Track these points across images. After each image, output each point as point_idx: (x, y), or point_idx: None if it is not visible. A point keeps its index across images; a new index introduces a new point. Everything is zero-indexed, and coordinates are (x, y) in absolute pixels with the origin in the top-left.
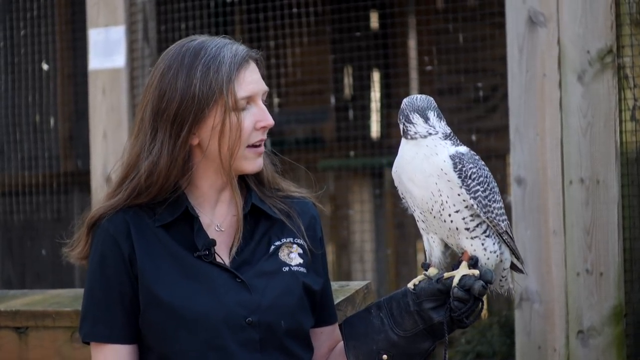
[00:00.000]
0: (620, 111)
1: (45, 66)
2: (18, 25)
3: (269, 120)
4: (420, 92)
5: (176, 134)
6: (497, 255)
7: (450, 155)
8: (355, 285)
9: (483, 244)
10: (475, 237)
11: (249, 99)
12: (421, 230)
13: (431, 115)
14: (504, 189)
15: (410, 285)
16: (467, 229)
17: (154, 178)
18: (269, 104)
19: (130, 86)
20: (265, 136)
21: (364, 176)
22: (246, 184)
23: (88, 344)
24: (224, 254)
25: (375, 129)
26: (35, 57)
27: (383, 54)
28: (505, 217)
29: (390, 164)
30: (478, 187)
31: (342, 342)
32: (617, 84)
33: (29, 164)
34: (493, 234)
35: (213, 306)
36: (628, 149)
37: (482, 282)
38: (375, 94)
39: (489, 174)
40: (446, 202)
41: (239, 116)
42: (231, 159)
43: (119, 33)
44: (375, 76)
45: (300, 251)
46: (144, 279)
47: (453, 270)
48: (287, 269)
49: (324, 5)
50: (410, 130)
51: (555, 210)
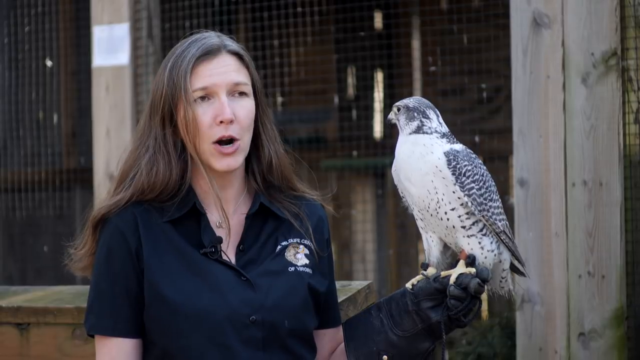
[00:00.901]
0: (624, 114)
1: (48, 63)
2: (22, 22)
3: (225, 115)
4: (424, 93)
5: (162, 128)
6: (495, 255)
7: (444, 152)
8: (357, 285)
9: (480, 243)
10: (472, 236)
11: (208, 92)
12: (420, 230)
13: (437, 113)
14: (506, 191)
15: (408, 285)
16: (464, 227)
17: (153, 173)
18: (272, 103)
19: (133, 83)
20: (229, 132)
21: (367, 176)
22: (252, 184)
23: (92, 337)
24: (230, 252)
25: (378, 129)
26: (39, 54)
27: (387, 54)
28: (503, 217)
29: None
30: (473, 185)
31: (343, 344)
32: (621, 87)
33: (31, 160)
34: (490, 233)
35: (217, 303)
36: (631, 151)
37: (479, 280)
38: (379, 94)
39: (486, 172)
40: (442, 200)
41: (196, 110)
42: (196, 153)
43: (123, 30)
44: (379, 76)
45: (307, 252)
46: (150, 274)
47: (451, 269)
48: (293, 269)
49: (328, 5)
50: (425, 125)
51: (558, 212)
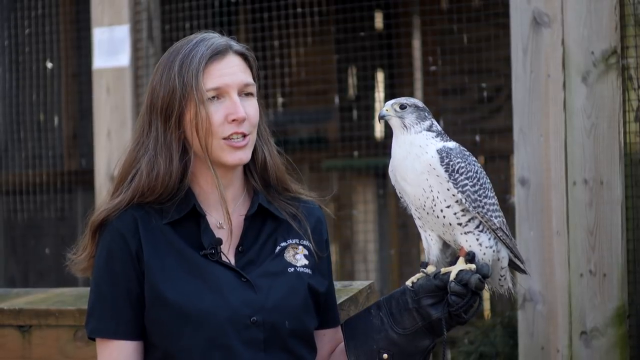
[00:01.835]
0: (624, 112)
1: (49, 65)
2: (22, 24)
3: (239, 113)
4: (425, 93)
5: (165, 129)
6: (494, 251)
7: (437, 150)
8: (359, 285)
9: (478, 239)
10: (469, 232)
11: (220, 91)
12: (419, 228)
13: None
14: (507, 190)
15: (408, 283)
16: (460, 224)
17: (154, 174)
18: (272, 104)
19: (134, 85)
20: (242, 129)
21: (368, 176)
22: (254, 185)
23: (94, 339)
24: (229, 254)
25: (379, 129)
26: (40, 56)
27: (387, 54)
28: (499, 214)
29: None
30: (466, 182)
31: (343, 343)
32: (622, 85)
33: (32, 162)
34: (487, 230)
35: (218, 305)
36: (632, 150)
37: (479, 276)
38: (380, 94)
39: (480, 169)
40: (437, 198)
41: (209, 109)
42: (207, 152)
43: (123, 32)
44: (380, 76)
45: (306, 253)
46: (150, 276)
47: (451, 266)
48: (293, 269)
49: (328, 5)
50: (434, 125)
51: (559, 211)
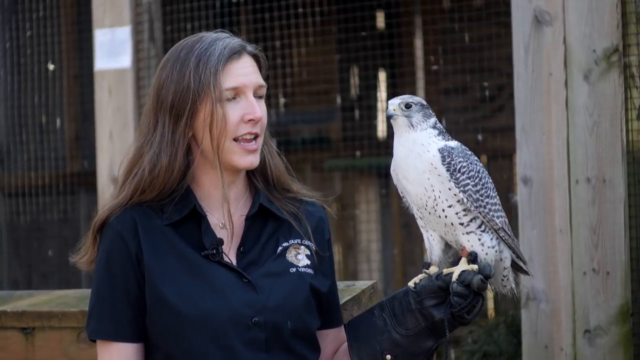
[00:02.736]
0: (626, 110)
1: (51, 67)
2: (24, 26)
3: (257, 113)
4: (427, 92)
5: (174, 125)
6: (496, 251)
7: (439, 149)
8: (362, 285)
9: (480, 239)
10: (471, 232)
11: (238, 91)
12: (421, 229)
13: None
14: (510, 189)
15: (411, 283)
16: (462, 224)
17: (156, 172)
18: (274, 104)
19: (136, 86)
20: (256, 130)
21: (370, 176)
22: (255, 184)
23: (94, 341)
24: (231, 254)
25: (381, 129)
26: (41, 58)
27: (389, 53)
28: (501, 214)
29: None
30: (468, 181)
31: (346, 344)
32: (624, 83)
33: (35, 164)
34: (489, 230)
35: (219, 306)
36: (634, 147)
37: (481, 277)
38: (381, 94)
39: (482, 169)
40: (439, 197)
41: (225, 108)
42: (218, 151)
43: (124, 33)
44: (381, 76)
45: (308, 252)
46: (151, 278)
47: (453, 266)
48: (294, 270)
49: (329, 5)
50: (438, 122)
51: (562, 209)
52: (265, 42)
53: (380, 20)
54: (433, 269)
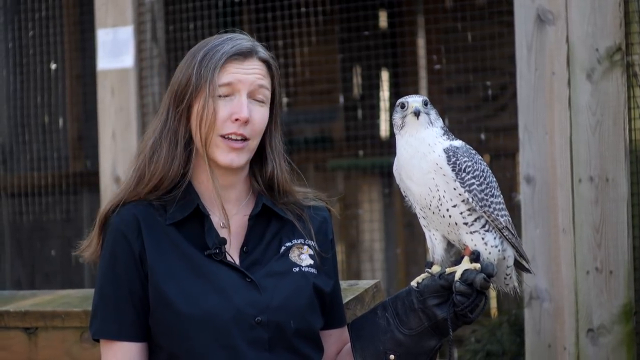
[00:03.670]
0: (629, 109)
1: (53, 66)
2: (26, 26)
3: (242, 113)
4: (429, 92)
5: (177, 115)
6: (499, 250)
7: (444, 149)
8: (364, 284)
9: (483, 239)
10: (475, 232)
11: (232, 89)
12: (423, 228)
13: None
14: (513, 188)
15: (413, 283)
16: (466, 224)
17: (154, 160)
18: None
19: (138, 86)
20: (242, 131)
21: (373, 176)
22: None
23: (98, 341)
24: (234, 254)
25: (384, 129)
26: (44, 58)
27: (392, 53)
28: (505, 213)
29: None
30: (473, 181)
31: (350, 344)
32: (626, 82)
33: (38, 164)
34: (493, 229)
35: (222, 305)
36: (637, 146)
37: (484, 275)
38: (384, 94)
39: (487, 168)
40: (443, 197)
41: (217, 104)
42: (205, 146)
43: (127, 33)
44: (384, 75)
45: (311, 252)
46: (154, 278)
47: (455, 266)
48: (298, 269)
49: (332, 4)
50: (444, 125)
51: (565, 208)
52: (267, 42)
53: (383, 20)
54: (435, 269)
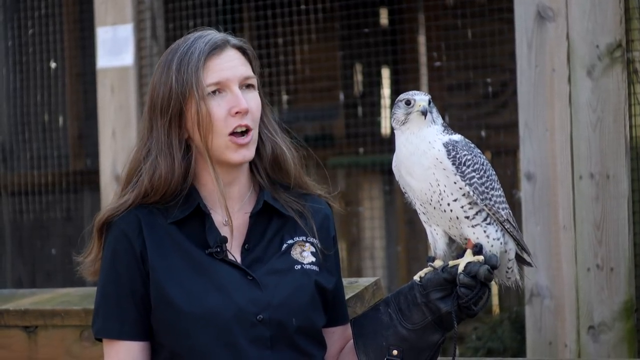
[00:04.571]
0: (629, 105)
1: (53, 65)
2: (26, 24)
3: (242, 105)
4: (430, 89)
5: (167, 129)
6: (501, 243)
7: (443, 144)
8: (364, 281)
9: (485, 232)
10: (477, 225)
11: (221, 86)
12: (424, 223)
13: None
14: (514, 185)
15: (416, 277)
16: (467, 217)
17: (156, 177)
18: (277, 101)
19: (138, 84)
20: (245, 122)
21: (374, 173)
22: (259, 182)
23: (101, 340)
24: (235, 252)
25: (384, 126)
26: (44, 56)
27: (392, 50)
28: (506, 206)
29: None
30: (473, 174)
31: (352, 341)
32: (627, 79)
33: (38, 163)
34: (494, 222)
35: (224, 303)
36: (638, 143)
37: (488, 267)
38: (385, 91)
39: (486, 162)
40: (444, 192)
41: (209, 104)
42: (207, 148)
43: (126, 31)
44: (385, 73)
45: (313, 250)
46: (155, 276)
47: (458, 259)
48: (299, 267)
49: (332, 2)
50: (441, 120)
51: (565, 205)
52: (268, 39)
53: (384, 17)
54: (438, 262)
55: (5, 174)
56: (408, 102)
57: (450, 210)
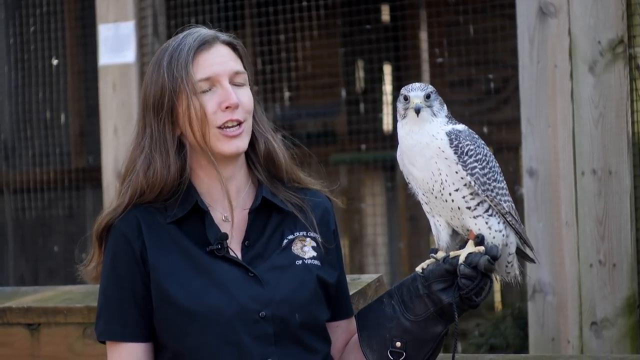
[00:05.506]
0: (631, 101)
1: (55, 62)
2: (28, 22)
3: (232, 100)
4: (432, 85)
5: (160, 125)
6: (503, 235)
7: (446, 132)
8: (367, 278)
9: (487, 223)
10: (478, 216)
11: (212, 81)
12: (427, 214)
13: None
14: (516, 181)
15: (418, 269)
16: (469, 208)
17: (151, 173)
18: (279, 98)
19: (140, 81)
20: (236, 116)
21: (376, 170)
22: (257, 177)
23: (104, 342)
24: (235, 249)
25: (386, 122)
26: (45, 53)
27: (394, 47)
28: (508, 199)
29: None
30: (475, 164)
31: (357, 334)
32: (629, 74)
33: (40, 160)
34: (496, 213)
35: (226, 301)
36: None
37: (488, 257)
38: (387, 87)
39: (490, 153)
40: (445, 181)
41: (201, 99)
42: (204, 143)
43: (128, 28)
44: (386, 69)
45: (314, 244)
46: (156, 277)
47: (460, 250)
48: (301, 262)
49: None
50: (445, 112)
51: (568, 201)
52: (269, 36)
53: (385, 14)
54: (440, 254)
55: (7, 172)
56: (405, 98)
57: (452, 200)
